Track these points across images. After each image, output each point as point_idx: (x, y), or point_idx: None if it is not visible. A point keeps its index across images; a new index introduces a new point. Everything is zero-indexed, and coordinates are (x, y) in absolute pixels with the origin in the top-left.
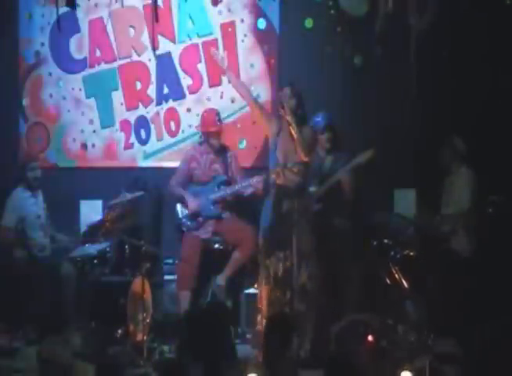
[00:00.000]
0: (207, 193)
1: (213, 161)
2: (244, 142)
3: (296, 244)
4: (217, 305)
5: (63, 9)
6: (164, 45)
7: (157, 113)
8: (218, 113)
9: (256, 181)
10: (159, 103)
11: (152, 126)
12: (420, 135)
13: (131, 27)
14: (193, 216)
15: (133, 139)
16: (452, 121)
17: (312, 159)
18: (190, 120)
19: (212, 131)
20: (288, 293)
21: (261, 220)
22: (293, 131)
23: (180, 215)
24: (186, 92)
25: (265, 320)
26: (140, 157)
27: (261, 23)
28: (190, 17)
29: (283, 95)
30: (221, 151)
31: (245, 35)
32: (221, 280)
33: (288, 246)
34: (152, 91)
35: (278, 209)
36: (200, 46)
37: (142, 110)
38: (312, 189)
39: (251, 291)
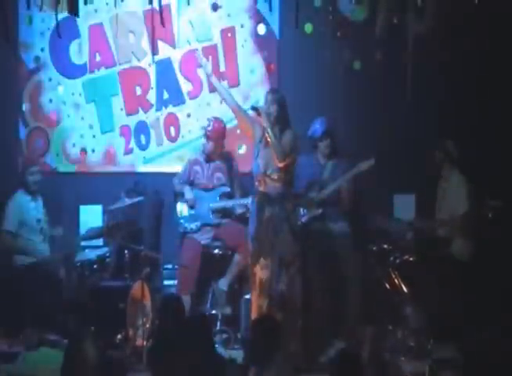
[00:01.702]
0: (208, 201)
1: (217, 169)
2: (243, 147)
3: (277, 250)
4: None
5: (63, 15)
6: (164, 51)
7: (157, 119)
8: (212, 120)
9: None
10: (159, 109)
11: (152, 131)
12: (419, 140)
13: (131, 32)
14: (192, 219)
15: (133, 144)
16: (451, 125)
17: (293, 166)
18: (190, 125)
19: (206, 134)
20: (271, 300)
21: (249, 227)
22: (268, 137)
23: (179, 216)
24: (186, 98)
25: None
26: (140, 162)
27: (261, 29)
28: (190, 22)
29: (265, 101)
30: (226, 160)
31: (245, 40)
32: (223, 284)
33: (272, 253)
34: (152, 96)
35: (260, 216)
36: (200, 51)
37: (141, 116)
38: (313, 194)
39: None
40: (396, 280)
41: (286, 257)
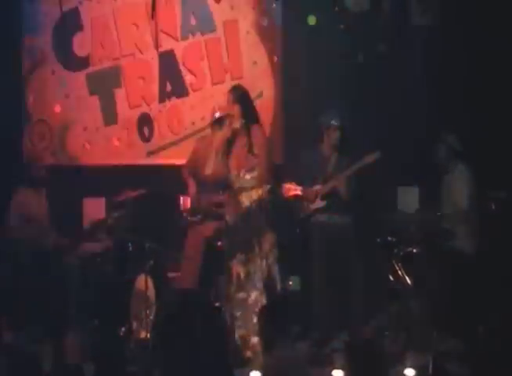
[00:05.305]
0: (210, 194)
1: None
2: None
3: (254, 243)
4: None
5: (66, 7)
6: (167, 43)
7: (160, 111)
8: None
9: None
10: (162, 101)
11: (155, 124)
12: (423, 132)
13: (134, 24)
14: (193, 212)
15: (136, 136)
16: (453, 116)
17: (268, 157)
18: (193, 117)
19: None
20: (252, 293)
21: (223, 223)
22: (236, 123)
23: (181, 208)
24: (189, 90)
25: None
26: (143, 155)
27: (264, 20)
28: (193, 14)
29: (227, 101)
30: None
31: (248, 32)
32: None
33: (250, 248)
34: (155, 88)
35: (236, 211)
36: (203, 43)
37: (145, 108)
38: (317, 187)
39: None
40: (400, 272)
41: (264, 248)
